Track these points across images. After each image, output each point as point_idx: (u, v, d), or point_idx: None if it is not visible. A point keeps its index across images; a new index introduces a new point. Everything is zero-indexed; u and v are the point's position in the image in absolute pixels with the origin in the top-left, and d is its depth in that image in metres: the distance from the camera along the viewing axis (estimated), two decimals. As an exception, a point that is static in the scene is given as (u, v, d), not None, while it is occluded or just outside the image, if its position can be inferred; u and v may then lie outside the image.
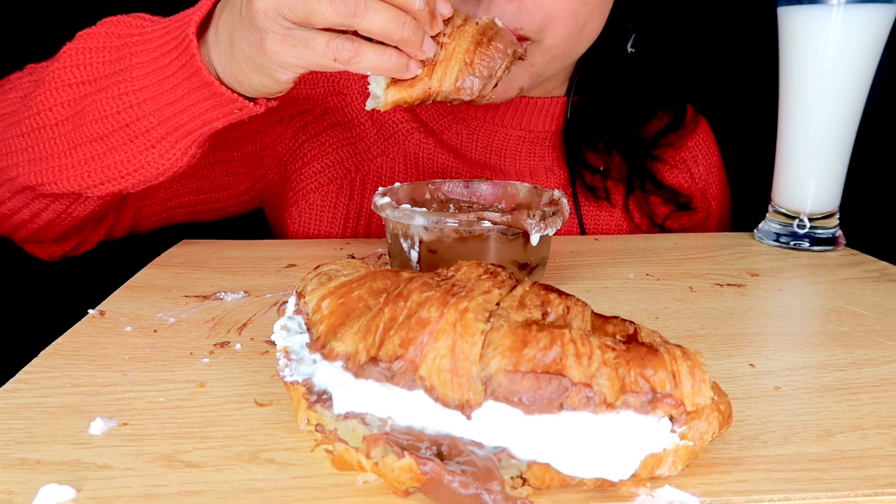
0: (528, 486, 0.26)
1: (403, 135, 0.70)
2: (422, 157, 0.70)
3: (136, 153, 0.49)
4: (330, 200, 0.70)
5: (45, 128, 0.51)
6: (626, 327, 0.29)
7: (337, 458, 0.27)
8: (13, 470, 0.27)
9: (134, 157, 0.50)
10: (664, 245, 0.63)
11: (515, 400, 0.25)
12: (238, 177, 0.68)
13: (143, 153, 0.49)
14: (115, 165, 0.50)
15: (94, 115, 0.49)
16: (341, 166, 0.70)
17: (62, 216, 0.56)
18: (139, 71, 0.48)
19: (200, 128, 0.49)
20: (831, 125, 0.60)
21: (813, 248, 0.61)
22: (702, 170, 0.77)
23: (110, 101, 0.48)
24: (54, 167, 0.51)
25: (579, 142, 0.72)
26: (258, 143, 0.68)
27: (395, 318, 0.27)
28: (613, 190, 0.73)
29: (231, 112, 0.48)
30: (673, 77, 0.76)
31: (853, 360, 0.39)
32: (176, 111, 0.47)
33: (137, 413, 0.32)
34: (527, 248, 0.47)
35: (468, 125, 0.71)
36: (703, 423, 0.26)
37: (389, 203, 0.48)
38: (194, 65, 0.45)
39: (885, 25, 0.57)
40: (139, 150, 0.49)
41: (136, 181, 0.51)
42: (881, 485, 0.27)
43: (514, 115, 0.70)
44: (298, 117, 0.69)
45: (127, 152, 0.49)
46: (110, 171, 0.50)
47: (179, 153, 0.50)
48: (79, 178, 0.51)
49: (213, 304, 0.46)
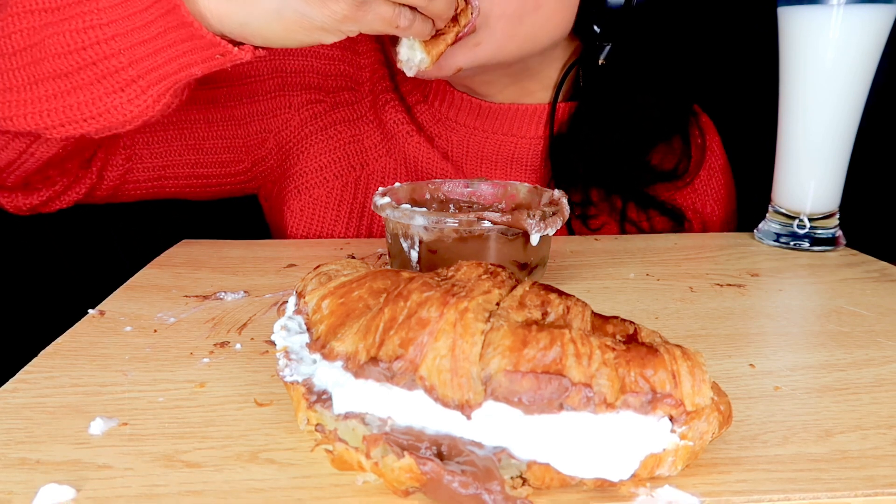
0: (528, 486, 0.26)
1: (404, 137, 0.69)
2: (420, 161, 0.70)
3: (102, 95, 0.45)
4: (334, 197, 0.69)
5: (3, 56, 0.46)
6: (626, 327, 0.29)
7: (337, 458, 0.27)
8: (13, 470, 0.27)
9: (99, 100, 0.45)
10: (664, 245, 0.63)
11: (515, 400, 0.25)
12: (238, 154, 0.66)
13: (110, 96, 0.45)
14: (78, 107, 0.46)
15: (55, 49, 0.44)
16: (346, 163, 0.69)
17: (23, 156, 0.51)
18: (107, 2, 0.43)
19: (176, 73, 0.45)
20: (831, 125, 0.60)
21: (813, 248, 0.61)
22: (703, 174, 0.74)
23: (74, 35, 0.44)
24: (11, 101, 0.46)
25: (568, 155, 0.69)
26: (264, 125, 0.67)
27: (395, 318, 0.27)
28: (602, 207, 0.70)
29: (212, 57, 0.44)
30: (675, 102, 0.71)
31: (853, 360, 0.39)
32: (148, 52, 0.43)
33: (137, 413, 0.32)
34: (527, 248, 0.47)
35: (457, 132, 0.70)
36: (703, 423, 0.26)
37: (389, 203, 0.48)
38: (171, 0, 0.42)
39: (885, 25, 0.57)
40: (105, 92, 0.45)
41: (101, 126, 0.47)
42: (881, 485, 0.27)
43: (503, 121, 0.69)
44: (308, 107, 0.68)
45: (91, 93, 0.45)
46: (72, 113, 0.46)
47: (151, 100, 0.46)
48: (37, 117, 0.46)
49: (213, 304, 0.46)
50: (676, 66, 0.74)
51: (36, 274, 0.84)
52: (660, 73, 0.71)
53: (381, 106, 0.70)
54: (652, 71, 0.71)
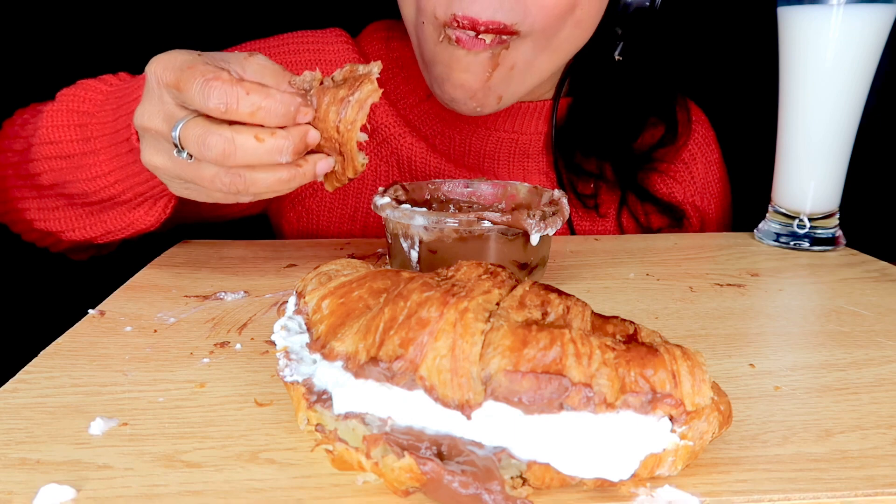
0: (528, 486, 0.26)
1: (396, 139, 0.70)
2: (415, 161, 0.70)
3: (124, 214, 0.54)
4: (325, 205, 0.71)
5: (42, 188, 0.55)
6: (626, 327, 0.29)
7: (337, 458, 0.27)
8: (13, 470, 0.27)
9: (122, 217, 0.54)
10: (664, 245, 0.63)
11: (515, 400, 0.25)
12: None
13: (129, 213, 0.54)
14: (111, 222, 0.55)
15: (77, 187, 0.53)
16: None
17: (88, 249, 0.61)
18: (104, 155, 0.51)
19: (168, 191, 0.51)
20: (831, 125, 0.60)
21: (813, 248, 0.61)
22: (700, 168, 0.76)
23: (87, 181, 0.52)
24: (60, 218, 0.56)
25: (570, 148, 0.71)
26: None
27: (395, 318, 0.27)
28: (605, 199, 0.72)
29: None
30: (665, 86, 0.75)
31: (853, 360, 0.39)
32: (143, 181, 0.51)
33: (137, 413, 0.32)
34: (527, 248, 0.47)
35: (460, 130, 0.70)
36: (703, 423, 0.26)
37: (389, 203, 0.48)
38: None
39: (885, 25, 0.57)
40: (124, 212, 0.54)
41: (135, 232, 0.55)
42: (881, 485, 0.27)
43: (505, 118, 0.70)
44: None
45: (115, 214, 0.54)
46: (108, 227, 0.55)
47: (160, 209, 0.54)
48: (82, 231, 0.56)
49: (213, 304, 0.46)
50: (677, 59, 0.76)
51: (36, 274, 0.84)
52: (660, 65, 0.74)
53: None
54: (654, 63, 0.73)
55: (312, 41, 0.70)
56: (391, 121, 0.70)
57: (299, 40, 0.70)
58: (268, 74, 0.42)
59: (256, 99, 0.39)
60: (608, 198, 0.72)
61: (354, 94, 0.42)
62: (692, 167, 0.76)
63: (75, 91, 0.55)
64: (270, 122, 0.40)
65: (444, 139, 0.71)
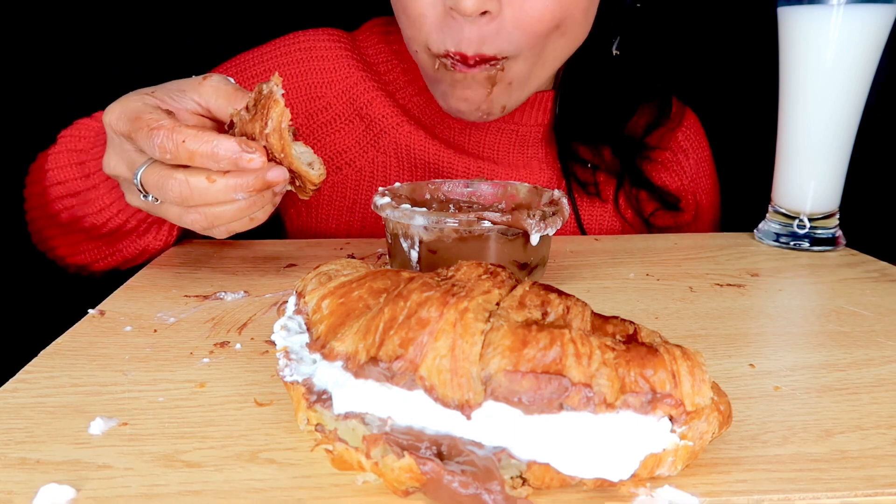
0: (528, 486, 0.26)
1: (394, 128, 0.70)
2: (414, 149, 0.70)
3: (135, 241, 0.57)
4: (324, 200, 0.71)
5: (64, 225, 0.59)
6: (626, 327, 0.29)
7: (337, 458, 0.27)
8: (13, 470, 0.27)
9: (134, 244, 0.57)
10: (664, 245, 0.63)
11: (515, 400, 0.25)
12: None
13: (140, 240, 0.57)
14: (126, 250, 0.58)
15: (88, 222, 0.56)
16: (330, 164, 0.71)
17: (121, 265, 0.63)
18: (103, 189, 0.55)
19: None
20: (831, 125, 0.60)
21: (813, 248, 0.61)
22: (692, 163, 0.77)
23: (95, 214, 0.56)
24: (85, 251, 0.60)
25: (569, 136, 0.72)
26: None
27: (395, 318, 0.27)
28: (604, 185, 0.73)
29: None
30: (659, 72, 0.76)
31: (853, 360, 0.39)
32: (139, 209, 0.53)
33: (137, 413, 0.32)
34: (527, 248, 0.47)
35: (460, 120, 0.71)
36: (703, 423, 0.26)
37: (389, 203, 0.48)
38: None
39: (885, 25, 0.57)
40: (135, 239, 0.57)
41: (152, 253, 0.58)
42: (881, 485, 0.27)
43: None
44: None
45: (128, 243, 0.57)
46: (125, 255, 0.58)
47: (165, 233, 0.57)
48: (105, 262, 0.60)
49: (213, 303, 0.46)
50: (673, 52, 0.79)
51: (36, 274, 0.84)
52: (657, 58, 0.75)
53: (363, 104, 0.71)
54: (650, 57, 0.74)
55: (304, 42, 0.71)
56: (389, 111, 0.70)
57: (291, 42, 0.71)
58: (222, 97, 0.45)
59: (193, 145, 0.41)
60: (607, 186, 0.73)
61: (268, 126, 0.42)
62: (684, 161, 0.77)
63: (72, 131, 0.59)
64: (211, 166, 0.41)
65: (444, 127, 0.72)
